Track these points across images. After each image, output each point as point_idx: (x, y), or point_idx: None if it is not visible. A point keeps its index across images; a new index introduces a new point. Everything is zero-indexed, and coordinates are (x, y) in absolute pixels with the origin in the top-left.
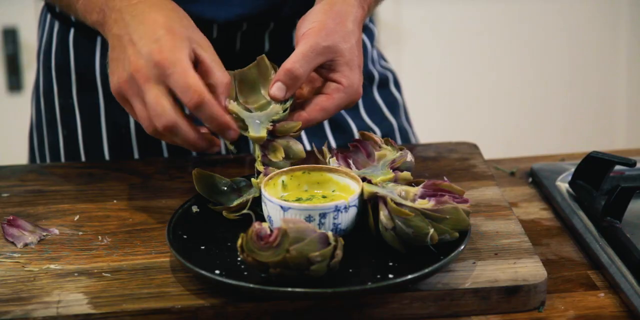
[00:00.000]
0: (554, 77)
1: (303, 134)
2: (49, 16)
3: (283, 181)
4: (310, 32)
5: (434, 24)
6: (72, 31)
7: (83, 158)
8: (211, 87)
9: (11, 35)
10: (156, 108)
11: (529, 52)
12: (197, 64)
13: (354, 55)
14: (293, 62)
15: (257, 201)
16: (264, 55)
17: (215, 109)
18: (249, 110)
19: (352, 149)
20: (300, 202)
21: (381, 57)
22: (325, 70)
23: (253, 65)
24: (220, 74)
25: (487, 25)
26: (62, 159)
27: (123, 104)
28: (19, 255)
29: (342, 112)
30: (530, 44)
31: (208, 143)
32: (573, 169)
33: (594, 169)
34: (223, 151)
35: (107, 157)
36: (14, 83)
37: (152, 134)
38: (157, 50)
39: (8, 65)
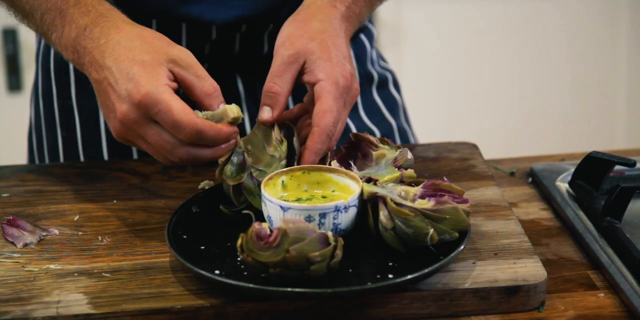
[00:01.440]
0: (553, 77)
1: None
2: None
3: (283, 181)
4: (277, 47)
5: (434, 24)
6: None
7: (82, 159)
8: (201, 98)
9: (11, 35)
10: (163, 146)
11: (529, 52)
12: (179, 82)
13: (326, 48)
14: (267, 82)
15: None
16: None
17: (212, 132)
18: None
19: (345, 151)
20: (300, 202)
21: (380, 57)
22: (306, 75)
23: (255, 127)
24: (201, 86)
25: (487, 25)
26: (61, 160)
27: (128, 144)
28: (19, 255)
29: None
30: (530, 44)
31: (226, 148)
32: (573, 169)
33: (593, 169)
34: None
35: (105, 158)
36: (14, 83)
37: (168, 164)
38: (135, 90)
39: (8, 65)
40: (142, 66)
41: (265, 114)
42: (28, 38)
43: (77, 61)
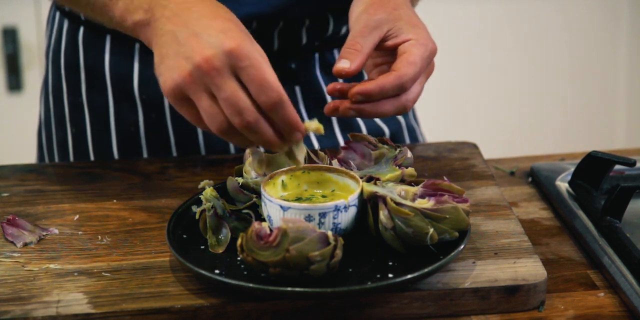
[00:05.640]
0: (553, 77)
1: (311, 132)
2: (57, 14)
3: (283, 181)
4: (359, 14)
5: (433, 24)
6: (81, 29)
7: (92, 155)
8: None
9: (11, 35)
10: (237, 104)
11: (529, 52)
12: None
13: (413, 17)
14: (349, 41)
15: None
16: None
17: (291, 109)
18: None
19: (343, 151)
20: (300, 201)
21: None
22: (391, 40)
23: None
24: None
25: (487, 25)
26: (71, 157)
27: (178, 103)
28: (19, 254)
29: None
30: (530, 44)
31: (281, 139)
32: (573, 169)
33: (593, 168)
34: (232, 151)
35: (115, 154)
36: (14, 83)
37: (218, 132)
38: (229, 39)
39: (8, 65)
40: (236, 26)
41: (343, 64)
42: (28, 38)
43: (148, 20)
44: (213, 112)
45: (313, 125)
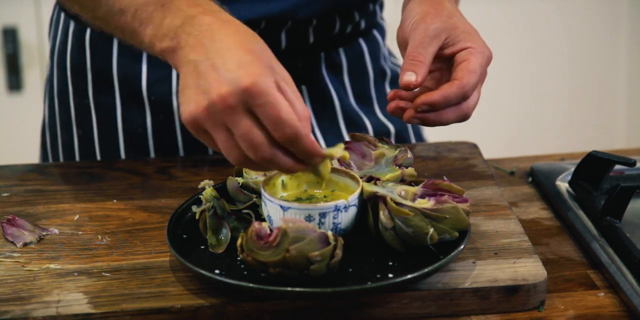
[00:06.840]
0: (553, 77)
1: (317, 130)
2: (62, 16)
3: (283, 181)
4: (415, 24)
5: None
6: (88, 31)
7: (98, 157)
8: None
9: (11, 35)
10: (251, 140)
11: (529, 52)
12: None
13: (467, 25)
14: (411, 51)
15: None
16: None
17: (309, 141)
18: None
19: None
20: (300, 202)
21: (391, 54)
22: (448, 48)
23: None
24: (302, 108)
25: (487, 25)
26: (77, 159)
27: (197, 134)
28: (19, 254)
29: (356, 108)
30: (530, 44)
31: (302, 164)
32: (573, 169)
33: (593, 168)
34: None
35: (123, 156)
36: (14, 83)
37: (236, 164)
38: (246, 76)
39: (8, 65)
40: (256, 58)
41: (409, 76)
42: (28, 38)
43: (174, 47)
44: (229, 146)
45: (339, 153)
